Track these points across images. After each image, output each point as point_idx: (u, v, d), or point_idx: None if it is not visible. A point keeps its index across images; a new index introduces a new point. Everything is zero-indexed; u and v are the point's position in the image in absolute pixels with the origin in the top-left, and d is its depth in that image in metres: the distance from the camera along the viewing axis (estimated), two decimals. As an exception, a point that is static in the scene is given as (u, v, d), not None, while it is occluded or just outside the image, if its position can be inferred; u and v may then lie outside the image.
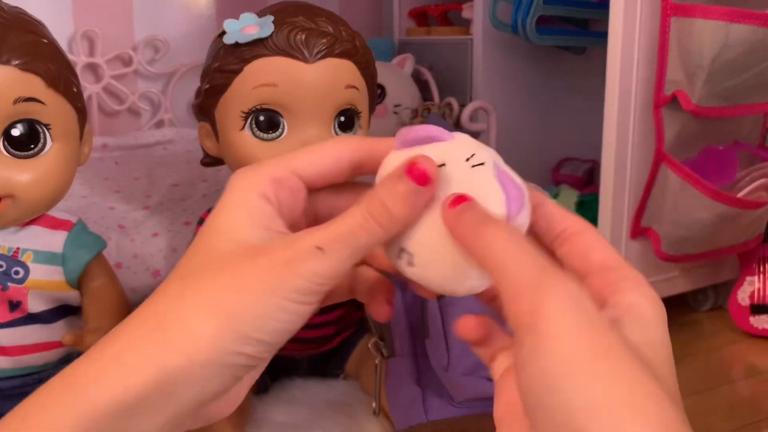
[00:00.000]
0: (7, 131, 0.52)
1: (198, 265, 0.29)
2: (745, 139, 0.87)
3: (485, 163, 0.30)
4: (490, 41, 1.20)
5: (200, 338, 0.27)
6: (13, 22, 0.52)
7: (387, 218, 0.29)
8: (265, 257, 0.28)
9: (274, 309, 0.28)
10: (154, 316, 0.28)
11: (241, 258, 0.28)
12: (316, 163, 0.32)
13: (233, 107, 0.62)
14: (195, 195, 0.88)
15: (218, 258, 0.29)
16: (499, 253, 0.27)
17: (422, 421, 0.58)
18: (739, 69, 0.73)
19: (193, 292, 0.28)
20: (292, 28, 0.60)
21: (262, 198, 0.30)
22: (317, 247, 0.28)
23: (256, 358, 0.28)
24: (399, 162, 0.30)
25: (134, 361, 0.27)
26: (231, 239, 0.29)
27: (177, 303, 0.28)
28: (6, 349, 0.58)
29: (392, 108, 1.17)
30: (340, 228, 0.29)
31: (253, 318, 0.27)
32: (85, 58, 1.23)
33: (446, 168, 0.29)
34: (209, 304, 0.27)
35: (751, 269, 0.91)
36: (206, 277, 0.28)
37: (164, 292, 0.29)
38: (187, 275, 0.29)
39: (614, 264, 0.30)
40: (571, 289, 0.26)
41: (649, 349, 0.27)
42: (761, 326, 0.88)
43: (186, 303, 0.28)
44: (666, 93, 0.78)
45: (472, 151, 0.30)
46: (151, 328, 0.27)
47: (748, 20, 0.70)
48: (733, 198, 0.78)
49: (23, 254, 0.57)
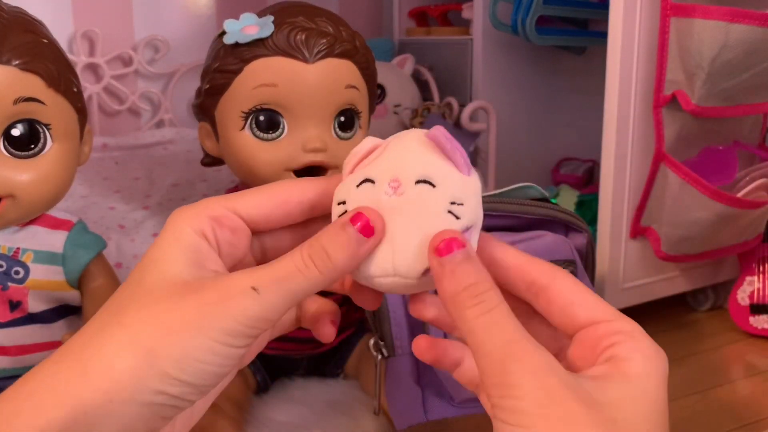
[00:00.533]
0: (7, 131, 0.53)
1: (126, 298, 0.28)
2: (744, 139, 0.88)
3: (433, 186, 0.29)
4: (490, 41, 1.20)
5: (119, 374, 0.25)
6: (13, 22, 0.52)
7: (327, 265, 0.28)
8: (195, 295, 0.27)
9: (199, 349, 0.26)
10: (73, 351, 0.27)
11: (170, 294, 0.27)
12: (261, 205, 0.31)
13: (233, 107, 0.62)
14: (195, 195, 0.89)
15: (146, 292, 0.27)
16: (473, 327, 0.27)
17: (422, 421, 0.58)
18: (738, 69, 0.73)
19: (115, 326, 0.27)
20: (292, 28, 0.60)
21: (198, 235, 0.29)
22: (252, 288, 0.27)
23: (181, 399, 0.27)
24: (346, 190, 0.30)
25: (50, 399, 0.26)
26: (161, 274, 0.28)
27: (97, 337, 0.27)
28: (6, 349, 0.58)
29: (392, 108, 1.17)
30: (278, 270, 0.28)
31: (176, 357, 0.26)
32: (85, 58, 1.23)
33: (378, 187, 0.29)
34: (129, 339, 0.26)
35: (751, 269, 0.91)
36: (130, 311, 0.27)
37: (87, 327, 0.27)
38: (114, 309, 0.28)
39: (602, 316, 0.29)
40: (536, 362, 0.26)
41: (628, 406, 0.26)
42: (761, 326, 0.88)
43: (106, 337, 0.26)
44: (666, 93, 0.78)
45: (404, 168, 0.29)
46: (69, 364, 0.26)
47: (748, 20, 0.70)
48: (733, 198, 0.78)
49: (23, 254, 0.57)
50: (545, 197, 0.57)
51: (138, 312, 0.27)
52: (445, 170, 0.29)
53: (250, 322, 0.27)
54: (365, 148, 0.30)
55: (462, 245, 0.28)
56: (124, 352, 0.26)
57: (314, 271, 0.28)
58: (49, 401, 0.26)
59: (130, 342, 0.26)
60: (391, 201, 0.29)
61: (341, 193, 0.30)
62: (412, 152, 0.29)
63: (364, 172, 0.30)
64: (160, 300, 0.27)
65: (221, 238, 0.30)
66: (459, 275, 0.27)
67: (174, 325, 0.26)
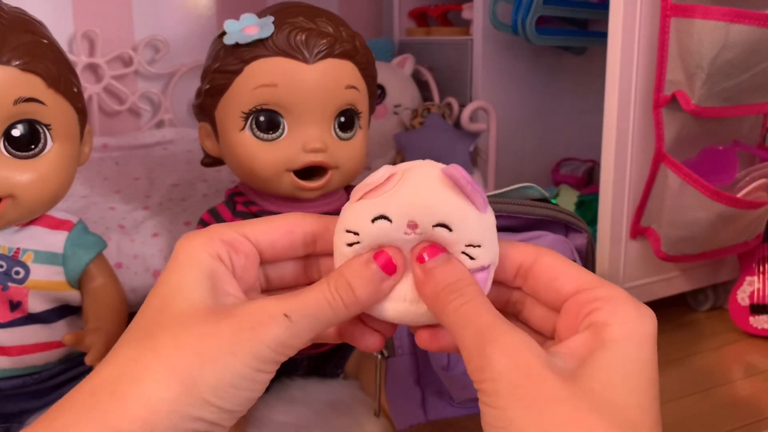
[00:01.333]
0: (8, 131, 0.53)
1: (154, 325, 0.28)
2: (744, 139, 0.88)
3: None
4: (490, 41, 1.20)
5: (158, 404, 0.26)
6: (14, 23, 0.52)
7: (351, 299, 0.29)
8: (229, 321, 0.27)
9: (234, 375, 0.27)
10: (107, 383, 0.26)
11: (200, 320, 0.27)
12: (268, 233, 0.32)
13: (233, 108, 0.62)
14: (195, 195, 0.89)
15: (175, 319, 0.27)
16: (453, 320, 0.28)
17: (422, 421, 0.58)
18: (738, 69, 0.74)
19: (150, 355, 0.27)
20: (292, 29, 0.60)
21: (215, 259, 0.30)
22: (285, 315, 0.28)
23: (217, 426, 0.27)
24: (360, 222, 0.30)
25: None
26: (186, 300, 0.28)
27: (132, 367, 0.26)
28: (6, 349, 0.58)
29: (392, 108, 1.17)
30: (308, 301, 0.29)
31: (212, 384, 0.26)
32: (86, 58, 1.24)
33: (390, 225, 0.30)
34: (167, 367, 0.26)
35: (751, 269, 0.91)
36: (164, 338, 0.27)
37: (117, 356, 0.27)
38: (143, 337, 0.27)
39: (584, 285, 0.29)
40: (510, 342, 0.26)
41: (606, 372, 0.26)
42: (761, 326, 0.88)
43: (142, 367, 0.26)
44: (666, 93, 0.78)
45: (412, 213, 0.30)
46: (105, 396, 0.26)
47: (748, 20, 0.70)
48: (733, 198, 0.78)
49: (24, 254, 0.57)
50: (545, 197, 0.57)
51: (172, 339, 0.27)
52: (462, 212, 0.30)
53: (280, 348, 0.28)
54: (380, 178, 0.30)
55: (441, 251, 0.29)
56: (163, 382, 0.26)
57: (340, 304, 0.29)
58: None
59: (168, 371, 0.26)
60: (408, 240, 0.30)
61: (351, 221, 0.31)
62: (430, 192, 0.30)
63: (380, 206, 0.30)
64: (192, 326, 0.27)
65: (236, 262, 0.31)
66: (438, 276, 0.29)
67: (209, 351, 0.27)
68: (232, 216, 0.67)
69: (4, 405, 0.60)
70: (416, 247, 0.30)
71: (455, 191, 0.30)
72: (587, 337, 0.27)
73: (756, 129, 0.90)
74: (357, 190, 0.31)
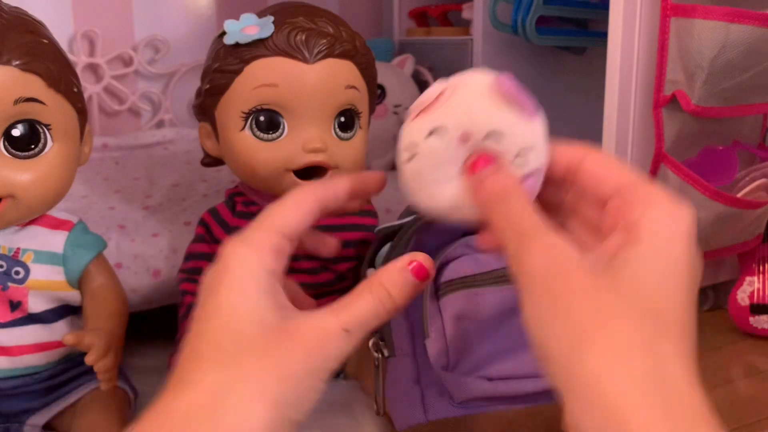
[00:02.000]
0: (8, 131, 0.53)
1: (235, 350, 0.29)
2: (744, 139, 0.88)
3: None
4: (490, 41, 1.20)
5: (254, 427, 0.27)
6: (14, 23, 0.52)
7: (392, 306, 0.31)
8: (299, 341, 0.29)
9: (311, 391, 0.29)
10: (202, 407, 0.27)
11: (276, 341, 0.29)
12: (297, 218, 0.33)
13: (233, 107, 0.62)
14: (195, 195, 0.89)
15: (254, 342, 0.29)
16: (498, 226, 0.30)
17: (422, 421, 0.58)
18: (738, 69, 0.74)
19: (241, 380, 0.28)
20: (292, 29, 0.60)
21: (270, 273, 0.31)
22: (345, 330, 0.30)
23: None
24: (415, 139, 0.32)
25: None
26: (256, 322, 0.29)
27: (224, 392, 0.27)
28: (7, 349, 0.58)
29: (392, 108, 1.17)
30: (359, 312, 0.31)
31: (296, 402, 0.28)
32: (86, 58, 1.24)
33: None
34: (259, 391, 0.28)
35: (751, 269, 0.91)
36: (250, 363, 0.28)
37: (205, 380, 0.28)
38: (228, 362, 0.28)
39: (625, 183, 0.30)
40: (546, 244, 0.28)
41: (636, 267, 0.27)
42: (761, 326, 0.88)
43: (235, 391, 0.27)
44: (666, 93, 0.78)
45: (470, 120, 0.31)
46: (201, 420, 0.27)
47: (748, 20, 0.71)
48: (733, 198, 0.78)
49: (24, 254, 0.57)
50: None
51: (258, 363, 0.28)
52: (511, 121, 0.31)
53: (341, 360, 0.30)
54: (433, 94, 0.32)
55: (491, 161, 0.31)
56: (256, 405, 0.27)
57: (383, 311, 0.31)
58: None
59: (260, 395, 0.27)
60: (461, 152, 0.32)
61: (410, 136, 0.33)
62: (478, 104, 0.31)
63: (432, 122, 0.32)
64: (273, 350, 0.29)
65: (281, 267, 0.32)
66: (488, 185, 0.31)
67: (289, 373, 0.28)
68: (232, 216, 0.67)
69: (3, 405, 0.60)
70: (469, 158, 0.31)
71: (504, 101, 0.31)
72: (620, 236, 0.28)
73: (756, 129, 0.90)
74: (412, 110, 0.33)
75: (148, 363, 0.75)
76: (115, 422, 0.58)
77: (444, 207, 0.33)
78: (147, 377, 0.70)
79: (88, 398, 0.60)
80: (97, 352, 0.53)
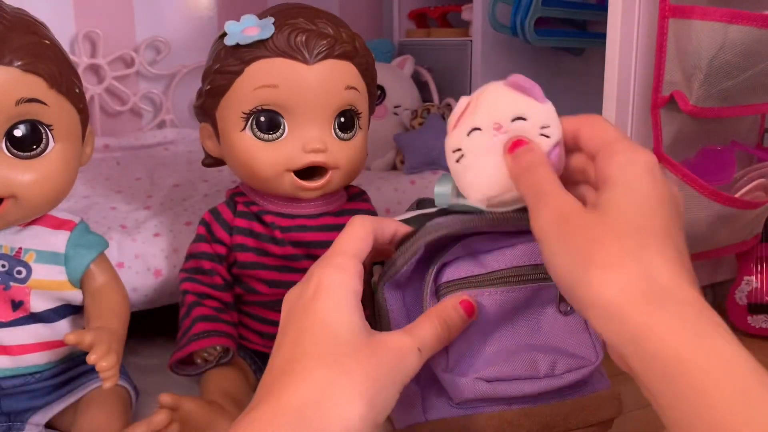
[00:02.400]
0: (10, 132, 0.53)
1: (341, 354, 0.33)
2: (742, 139, 0.88)
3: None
4: (489, 42, 1.21)
5: (355, 422, 0.31)
6: (15, 24, 0.52)
7: (447, 335, 0.39)
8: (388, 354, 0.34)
9: (392, 399, 0.33)
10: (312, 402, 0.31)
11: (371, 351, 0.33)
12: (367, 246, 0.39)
13: (234, 108, 0.62)
14: (196, 195, 0.89)
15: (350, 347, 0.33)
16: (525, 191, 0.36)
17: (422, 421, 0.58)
18: (736, 70, 0.74)
19: (344, 379, 0.32)
20: (292, 30, 0.61)
21: (356, 295, 0.36)
22: (419, 349, 0.36)
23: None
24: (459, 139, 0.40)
25: None
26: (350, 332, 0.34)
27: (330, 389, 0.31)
28: (8, 349, 0.58)
29: (392, 109, 1.18)
30: (427, 336, 0.37)
31: (383, 405, 0.32)
32: (87, 59, 1.24)
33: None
34: (358, 389, 0.32)
35: (749, 269, 0.91)
36: (349, 364, 0.32)
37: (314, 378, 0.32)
38: (334, 363, 0.33)
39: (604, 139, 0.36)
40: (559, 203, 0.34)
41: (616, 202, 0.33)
42: (759, 326, 0.89)
43: (339, 387, 0.31)
44: (664, 94, 0.78)
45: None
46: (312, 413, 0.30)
47: (746, 21, 0.71)
48: (731, 198, 0.79)
49: (25, 254, 0.58)
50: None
51: (360, 367, 0.33)
52: (530, 105, 0.39)
53: (412, 376, 0.35)
54: (462, 106, 0.40)
55: (525, 143, 0.38)
56: (355, 402, 0.31)
57: (443, 339, 0.39)
58: None
59: (359, 392, 0.32)
60: (499, 139, 0.39)
61: (454, 141, 0.40)
62: (501, 99, 0.39)
63: (470, 123, 0.39)
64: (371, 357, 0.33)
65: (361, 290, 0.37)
66: (522, 160, 0.37)
67: (381, 377, 0.33)
68: (233, 216, 0.68)
69: (6, 404, 0.60)
70: (507, 142, 0.38)
71: (519, 92, 0.39)
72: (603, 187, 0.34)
73: (754, 129, 0.90)
74: (449, 124, 0.40)
75: (150, 362, 0.76)
76: (116, 421, 0.59)
77: (496, 190, 0.39)
78: (148, 376, 0.70)
79: (90, 397, 0.61)
80: (98, 351, 0.53)
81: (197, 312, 0.65)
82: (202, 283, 0.66)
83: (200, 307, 0.65)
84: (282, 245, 0.66)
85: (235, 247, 0.67)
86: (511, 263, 0.46)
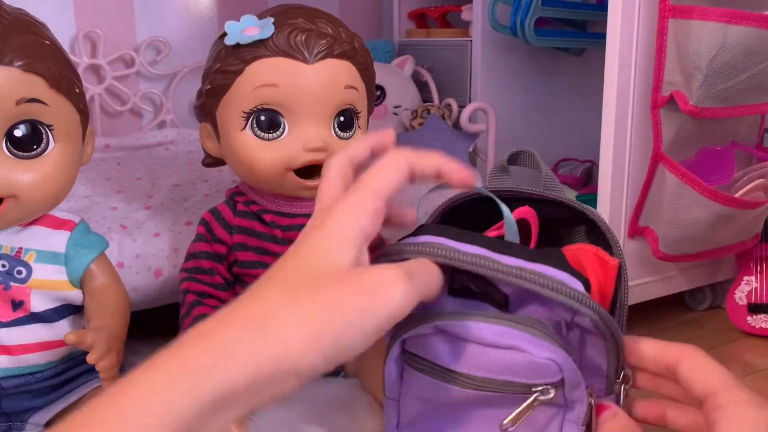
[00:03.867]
0: (10, 132, 0.53)
1: (296, 280, 0.32)
2: (742, 139, 0.88)
3: None
4: (489, 43, 1.21)
5: (291, 347, 0.29)
6: (16, 24, 0.52)
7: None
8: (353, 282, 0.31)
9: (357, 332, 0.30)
10: (257, 319, 0.30)
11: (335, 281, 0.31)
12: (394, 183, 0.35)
13: (234, 108, 0.63)
14: (196, 195, 0.89)
15: (316, 279, 0.31)
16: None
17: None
18: (736, 70, 0.74)
19: (293, 304, 0.30)
20: (292, 30, 0.61)
21: (360, 234, 0.33)
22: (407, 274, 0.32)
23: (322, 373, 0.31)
24: None
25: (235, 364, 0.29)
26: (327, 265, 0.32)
27: (278, 311, 0.30)
28: (9, 348, 0.58)
29: (392, 109, 1.18)
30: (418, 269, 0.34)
31: (338, 338, 0.30)
32: (87, 59, 1.24)
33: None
34: (303, 316, 0.30)
35: (749, 269, 0.91)
36: (303, 292, 0.31)
37: (266, 298, 0.31)
38: (287, 289, 0.31)
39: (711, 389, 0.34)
40: None
41: None
42: (758, 325, 0.89)
43: (285, 312, 0.30)
44: (664, 94, 0.78)
45: None
46: (254, 330, 0.30)
47: (746, 22, 0.71)
48: (731, 198, 0.79)
49: (26, 254, 0.58)
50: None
51: (310, 293, 0.31)
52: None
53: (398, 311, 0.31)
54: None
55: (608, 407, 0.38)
56: (297, 329, 0.30)
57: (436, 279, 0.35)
58: (234, 365, 0.29)
59: (303, 320, 0.30)
60: None
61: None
62: None
63: None
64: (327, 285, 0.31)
65: (372, 230, 0.34)
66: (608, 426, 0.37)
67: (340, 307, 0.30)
68: (233, 215, 0.68)
69: (6, 403, 0.60)
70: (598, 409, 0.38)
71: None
72: None
73: (754, 129, 0.90)
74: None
75: (150, 362, 0.76)
76: (116, 420, 0.59)
77: None
78: (148, 376, 0.70)
79: (90, 397, 0.61)
80: (98, 351, 0.53)
81: (198, 311, 0.65)
82: (203, 283, 0.67)
83: (201, 307, 0.65)
84: (282, 244, 0.66)
85: (235, 247, 0.67)
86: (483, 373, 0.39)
